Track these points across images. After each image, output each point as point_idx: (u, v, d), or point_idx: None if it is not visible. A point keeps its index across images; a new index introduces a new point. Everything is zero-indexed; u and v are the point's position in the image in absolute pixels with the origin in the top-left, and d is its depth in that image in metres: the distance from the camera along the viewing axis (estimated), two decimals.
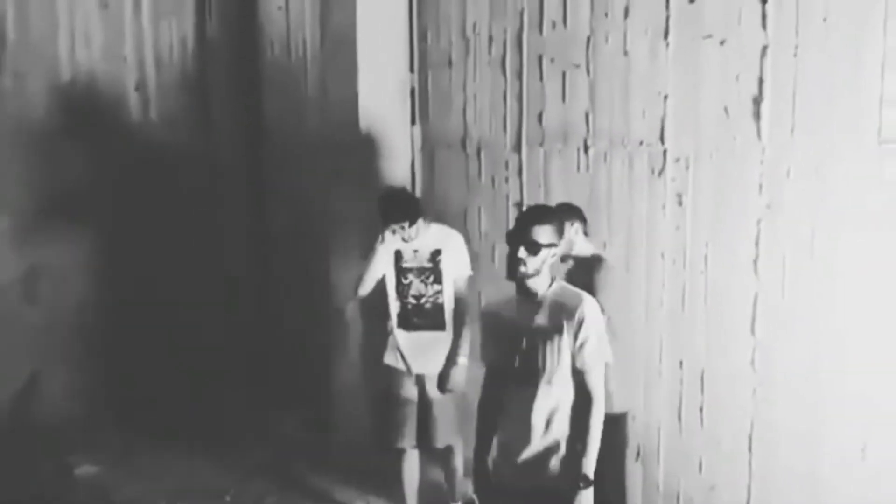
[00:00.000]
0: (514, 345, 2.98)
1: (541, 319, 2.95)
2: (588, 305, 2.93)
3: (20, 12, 5.95)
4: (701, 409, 3.94)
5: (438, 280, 4.17)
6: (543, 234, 2.92)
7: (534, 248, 2.90)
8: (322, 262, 5.47)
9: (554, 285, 3.00)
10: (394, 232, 4.10)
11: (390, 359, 4.28)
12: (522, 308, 3.00)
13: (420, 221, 4.13)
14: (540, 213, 3.04)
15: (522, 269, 2.92)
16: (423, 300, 4.19)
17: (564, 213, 3.57)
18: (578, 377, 2.92)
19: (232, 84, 6.59)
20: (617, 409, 3.57)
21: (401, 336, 4.23)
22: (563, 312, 2.92)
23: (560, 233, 3.04)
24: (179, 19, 6.56)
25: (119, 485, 5.04)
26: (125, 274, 6.30)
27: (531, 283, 2.95)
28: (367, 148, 5.06)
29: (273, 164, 6.53)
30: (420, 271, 4.18)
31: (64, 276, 6.11)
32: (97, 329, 6.23)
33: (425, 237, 4.18)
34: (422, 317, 4.20)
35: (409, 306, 4.21)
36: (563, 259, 3.66)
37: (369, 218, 5.01)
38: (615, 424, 3.53)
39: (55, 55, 6.07)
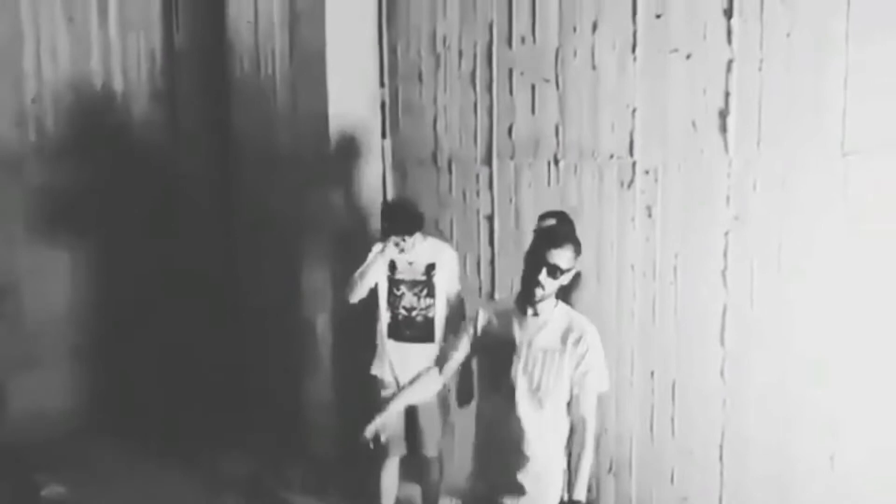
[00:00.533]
0: (510, 361, 2.93)
1: (542, 340, 2.91)
2: (593, 334, 2.92)
3: None
4: (672, 420, 3.96)
5: (431, 294, 4.17)
6: (565, 257, 2.84)
7: (555, 273, 2.83)
8: (292, 275, 5.44)
9: (559, 307, 2.96)
10: (396, 244, 4.10)
11: (377, 369, 4.27)
12: (523, 325, 2.95)
13: (418, 234, 4.15)
14: (563, 235, 2.93)
15: (540, 292, 2.84)
16: (414, 313, 4.19)
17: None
18: (575, 403, 2.90)
19: (201, 97, 6.55)
20: None
21: (391, 346, 4.22)
22: (567, 337, 2.90)
23: (578, 252, 2.93)
24: (147, 32, 6.51)
25: None
26: (92, 289, 6.23)
27: (539, 305, 2.91)
28: (337, 161, 5.05)
29: (243, 178, 6.48)
30: (413, 284, 4.18)
31: (30, 291, 6.02)
32: (64, 345, 6.14)
33: (421, 250, 4.18)
34: (413, 328, 4.20)
35: (400, 317, 4.21)
36: None
37: (340, 231, 5.03)
38: None
39: (20, 69, 6.00)
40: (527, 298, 2.89)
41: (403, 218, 4.15)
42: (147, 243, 6.44)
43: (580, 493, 2.85)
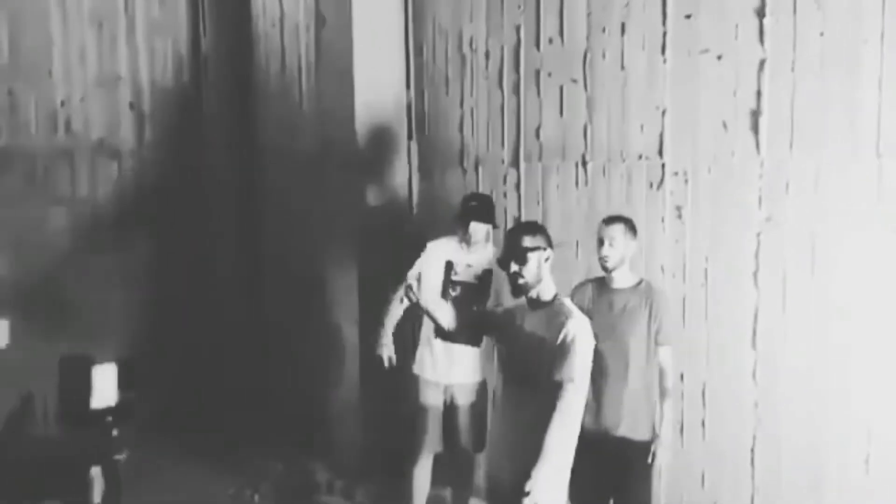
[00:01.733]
0: (511, 348, 3.12)
1: (534, 327, 3.04)
2: (574, 323, 2.96)
3: (13, 32, 5.94)
4: (703, 424, 3.93)
5: (484, 300, 4.16)
6: (526, 240, 3.03)
7: (521, 257, 2.99)
8: (318, 278, 5.46)
9: (556, 299, 3.07)
10: (463, 240, 4.13)
11: (419, 368, 4.26)
12: (526, 314, 3.09)
13: (487, 232, 4.17)
14: (519, 227, 3.25)
15: (521, 281, 3.02)
16: None
17: (624, 224, 3.59)
18: (558, 390, 2.94)
19: (227, 100, 6.59)
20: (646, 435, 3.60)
21: (438, 346, 4.20)
22: (553, 325, 2.98)
23: (546, 238, 3.09)
24: (174, 36, 6.56)
25: None
26: (118, 290, 6.26)
27: (535, 292, 3.05)
28: (364, 164, 5.06)
29: (269, 181, 6.52)
30: (468, 287, 4.17)
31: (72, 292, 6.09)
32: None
33: (483, 253, 4.18)
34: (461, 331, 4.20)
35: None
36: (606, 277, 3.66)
37: (366, 233, 5.04)
38: (646, 450, 3.56)
39: (49, 74, 6.06)
40: (515, 292, 3.10)
41: (487, 204, 4.19)
42: (173, 245, 6.47)
43: (537, 479, 2.87)
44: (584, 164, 4.30)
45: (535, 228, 3.14)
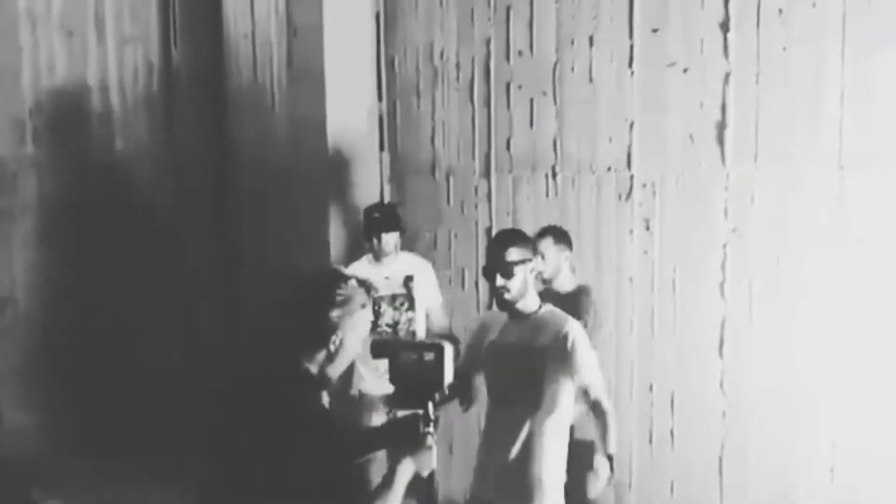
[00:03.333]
0: (496, 367, 3.02)
1: (523, 339, 2.97)
2: (575, 326, 2.95)
3: None
4: (672, 433, 3.96)
5: (412, 306, 4.15)
6: (512, 253, 2.94)
7: (507, 271, 2.91)
8: (289, 291, 5.43)
9: (544, 308, 3.02)
10: (372, 250, 4.10)
11: (365, 386, 4.19)
12: (511, 328, 3.02)
13: (396, 239, 4.14)
14: (504, 238, 3.05)
15: (507, 296, 2.94)
16: (398, 328, 4.16)
17: (553, 237, 3.64)
18: (584, 396, 2.97)
19: (199, 111, 6.55)
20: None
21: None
22: (547, 334, 2.94)
23: (531, 248, 3.03)
24: (145, 45, 6.52)
25: None
26: (89, 303, 6.21)
27: (521, 305, 2.98)
28: (336, 175, 5.06)
29: (241, 192, 6.48)
30: (393, 298, 4.16)
31: (26, 305, 6.01)
32: (61, 359, 6.12)
33: (397, 263, 4.17)
34: None
35: (384, 336, 4.17)
36: (545, 287, 3.68)
37: (338, 244, 5.03)
38: (586, 450, 3.56)
39: (17, 83, 6.01)
40: (500, 306, 3.02)
41: (391, 212, 4.18)
42: (144, 256, 6.42)
43: (612, 447, 2.97)
44: (555, 175, 4.33)
45: (521, 239, 3.03)
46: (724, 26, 3.65)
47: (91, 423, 6.09)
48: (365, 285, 2.19)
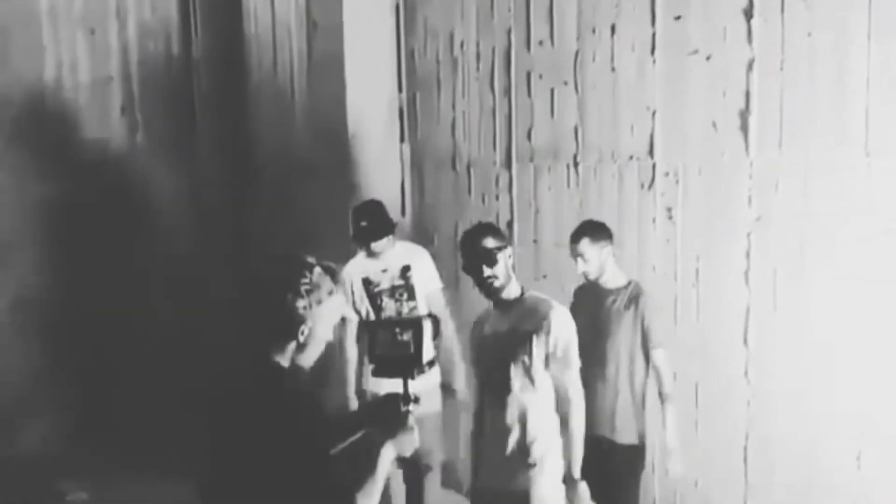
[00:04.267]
0: (489, 353, 3.09)
1: (511, 326, 3.03)
2: (557, 311, 3.00)
3: (2, 37, 5.95)
4: (695, 423, 3.94)
5: (412, 296, 4.14)
6: (489, 241, 3.01)
7: (490, 259, 2.97)
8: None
9: (527, 294, 3.09)
10: (364, 250, 4.08)
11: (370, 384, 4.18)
12: (498, 317, 3.09)
13: (389, 238, 4.11)
14: (476, 232, 3.12)
15: (497, 283, 3.01)
16: None
17: (589, 237, 3.60)
18: (555, 382, 2.99)
19: (219, 103, 6.58)
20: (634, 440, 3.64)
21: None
22: (532, 319, 2.99)
23: (503, 235, 3.12)
24: (166, 39, 6.56)
25: None
26: (107, 298, 6.24)
27: (505, 293, 3.04)
28: (356, 166, 5.07)
29: (261, 184, 6.51)
30: (392, 290, 4.15)
31: (47, 303, 6.07)
32: (83, 355, 6.17)
33: (393, 254, 4.15)
34: None
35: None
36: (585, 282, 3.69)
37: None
38: (634, 454, 3.58)
39: (40, 79, 6.06)
40: (490, 295, 3.07)
41: (378, 217, 4.11)
42: (163, 249, 6.45)
43: (576, 469, 2.97)
44: (576, 165, 4.31)
45: (492, 229, 3.13)
46: (748, 13, 3.61)
47: (99, 420, 6.12)
48: (330, 271, 2.14)
